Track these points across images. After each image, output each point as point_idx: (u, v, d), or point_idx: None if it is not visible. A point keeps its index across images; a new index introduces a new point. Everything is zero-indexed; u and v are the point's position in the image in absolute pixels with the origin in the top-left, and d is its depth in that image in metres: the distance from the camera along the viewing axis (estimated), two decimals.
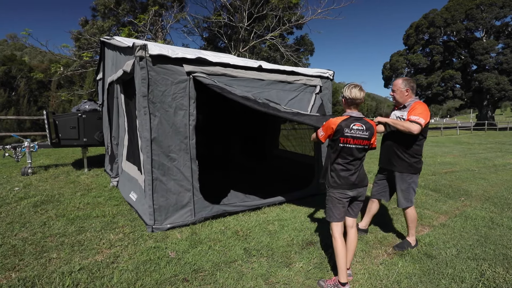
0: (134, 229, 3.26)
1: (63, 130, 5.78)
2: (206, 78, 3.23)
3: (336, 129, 2.27)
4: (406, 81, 2.85)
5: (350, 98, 2.30)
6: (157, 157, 3.17)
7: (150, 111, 3.09)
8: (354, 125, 2.26)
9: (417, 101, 2.81)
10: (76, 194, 4.50)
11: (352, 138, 2.26)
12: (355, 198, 2.39)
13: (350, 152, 2.29)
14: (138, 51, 2.96)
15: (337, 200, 2.34)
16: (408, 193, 2.88)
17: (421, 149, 2.84)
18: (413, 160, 2.80)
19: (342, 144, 2.27)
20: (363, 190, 2.39)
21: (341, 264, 2.23)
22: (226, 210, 3.67)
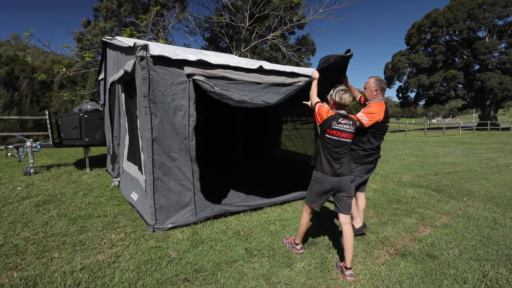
0: (135, 229, 3.27)
1: (65, 130, 5.80)
2: (205, 83, 3.24)
3: (326, 118, 2.53)
4: (378, 81, 2.99)
5: (339, 103, 2.57)
6: (158, 157, 3.17)
7: (151, 111, 3.09)
8: (343, 119, 2.52)
9: (377, 101, 2.95)
10: (78, 194, 4.51)
11: (338, 131, 2.51)
12: (338, 190, 2.57)
13: (335, 143, 2.52)
14: (139, 51, 2.96)
15: (317, 190, 2.61)
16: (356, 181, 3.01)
17: (375, 145, 2.98)
18: (362, 153, 3.02)
19: (329, 135, 2.52)
20: (346, 181, 2.55)
21: (300, 231, 2.76)
22: (228, 210, 3.67)
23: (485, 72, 30.99)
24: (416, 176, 6.28)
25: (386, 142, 14.91)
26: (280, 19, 13.68)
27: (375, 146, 3.00)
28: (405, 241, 3.11)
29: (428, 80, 33.73)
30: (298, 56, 14.66)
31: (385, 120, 2.92)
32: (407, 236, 3.25)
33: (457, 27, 31.43)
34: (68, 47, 12.47)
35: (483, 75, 30.56)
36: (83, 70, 12.81)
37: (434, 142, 15.11)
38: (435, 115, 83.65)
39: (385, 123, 2.96)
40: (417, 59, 34.52)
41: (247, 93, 3.55)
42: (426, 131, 25.21)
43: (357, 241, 3.08)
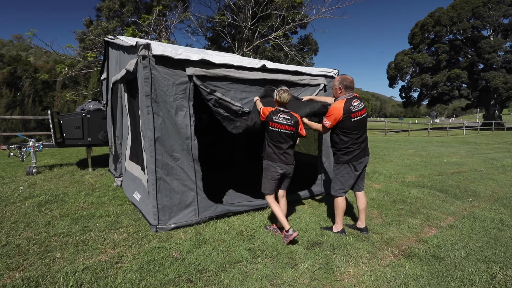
0: (138, 229, 3.25)
1: (67, 130, 5.80)
2: (203, 90, 3.26)
3: (267, 115, 3.04)
4: (341, 80, 3.10)
5: (279, 101, 3.06)
6: (161, 156, 3.15)
7: (154, 110, 3.07)
8: (281, 114, 3.00)
9: (338, 100, 3.08)
10: (81, 193, 4.50)
11: (278, 123, 2.98)
12: (284, 175, 3.11)
13: (277, 134, 3.00)
14: (141, 50, 2.94)
15: (269, 175, 3.06)
16: (335, 182, 3.22)
17: (349, 142, 3.06)
18: (338, 153, 3.16)
19: (271, 127, 3.01)
20: (290, 168, 3.10)
21: (281, 218, 2.99)
22: (230, 210, 3.64)
23: (489, 71, 30.74)
24: (420, 176, 6.22)
25: (389, 142, 14.84)
26: (282, 19, 13.64)
27: (348, 143, 3.06)
28: (410, 242, 3.07)
29: (432, 80, 33.51)
30: (300, 56, 14.61)
31: (347, 116, 2.97)
32: (412, 237, 3.20)
33: (461, 26, 31.19)
34: (70, 47, 12.52)
35: (488, 74, 30.31)
36: (85, 70, 12.84)
37: (437, 142, 15.00)
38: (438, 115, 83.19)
39: (350, 119, 2.99)
40: (421, 58, 34.30)
41: (248, 94, 3.53)
42: (429, 131, 25.05)
43: (362, 241, 3.05)
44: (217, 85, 3.34)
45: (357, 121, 3.03)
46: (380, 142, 14.42)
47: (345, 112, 2.97)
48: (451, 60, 34.63)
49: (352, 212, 3.94)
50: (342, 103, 2.99)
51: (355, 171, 3.14)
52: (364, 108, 3.09)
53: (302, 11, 13.93)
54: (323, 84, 4.24)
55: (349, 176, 3.15)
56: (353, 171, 3.13)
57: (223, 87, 3.38)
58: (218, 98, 3.33)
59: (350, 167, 3.12)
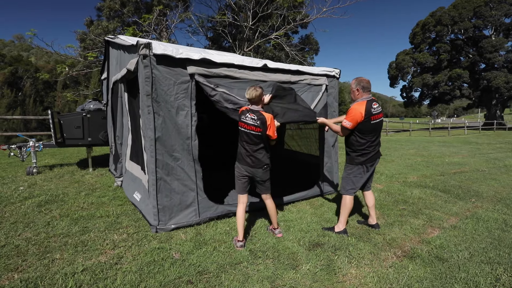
0: (138, 230, 3.23)
1: (68, 130, 5.79)
2: (206, 86, 3.21)
3: (240, 113, 2.98)
4: (357, 81, 3.08)
5: (248, 99, 2.91)
6: (161, 156, 3.13)
7: (154, 110, 3.05)
8: (249, 114, 2.88)
9: (358, 102, 3.03)
10: (81, 193, 4.49)
11: (244, 123, 2.88)
12: (253, 177, 2.98)
13: (244, 135, 2.89)
14: (142, 49, 2.91)
15: (236, 175, 3.01)
16: (346, 182, 3.19)
17: (365, 145, 3.05)
18: (353, 154, 3.12)
19: (240, 127, 2.93)
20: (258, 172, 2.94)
21: (238, 227, 2.92)
22: (231, 210, 3.61)
23: (491, 71, 30.62)
24: (422, 176, 6.18)
25: (391, 142, 14.78)
26: (283, 18, 13.60)
27: (364, 145, 3.05)
28: (413, 243, 3.03)
29: (433, 80, 33.42)
30: (301, 56, 14.57)
31: (367, 118, 2.95)
32: (414, 237, 3.17)
33: (462, 25, 31.09)
34: (71, 47, 12.51)
35: (489, 74, 30.19)
36: (86, 70, 12.83)
37: (439, 142, 14.94)
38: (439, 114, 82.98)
39: (370, 121, 2.97)
40: (422, 58, 34.20)
41: None
42: (431, 130, 24.99)
43: (364, 242, 3.02)
44: (219, 83, 3.32)
45: (376, 123, 3.03)
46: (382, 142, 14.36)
47: (366, 114, 2.93)
48: (453, 60, 34.52)
49: (360, 210, 3.90)
50: (364, 105, 2.96)
51: (367, 172, 3.17)
52: (382, 112, 3.11)
53: (303, 10, 13.90)
54: (325, 85, 4.21)
55: (361, 177, 3.16)
56: (365, 172, 3.15)
57: (226, 85, 3.36)
58: (223, 92, 3.28)
59: (363, 168, 3.13)
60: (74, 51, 12.32)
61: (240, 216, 2.93)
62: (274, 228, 3.13)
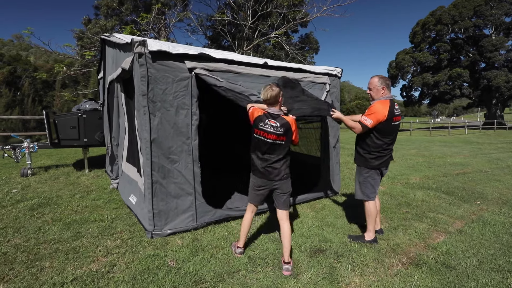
0: (132, 235, 3.11)
1: (63, 130, 5.66)
2: (209, 77, 3.05)
3: (254, 119, 2.54)
4: (382, 79, 2.88)
5: (263, 99, 2.53)
6: (157, 159, 3.00)
7: (150, 110, 2.92)
8: (269, 120, 2.46)
9: (380, 100, 2.84)
10: (75, 196, 4.36)
11: (264, 132, 2.45)
12: (272, 188, 2.58)
13: (262, 144, 2.49)
14: (137, 47, 2.79)
15: (252, 185, 2.64)
16: (365, 186, 3.00)
17: (381, 147, 2.88)
18: (368, 156, 2.92)
19: (256, 135, 2.50)
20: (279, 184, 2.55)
21: (241, 233, 2.70)
22: (230, 215, 3.50)
23: (491, 70, 30.50)
24: (424, 178, 6.07)
25: None
26: (283, 17, 13.46)
27: (380, 147, 2.88)
28: (418, 249, 2.92)
29: (433, 79, 33.29)
30: (301, 55, 14.45)
31: (390, 118, 2.78)
32: (419, 243, 3.06)
33: (462, 24, 30.96)
34: (69, 46, 12.36)
35: (490, 73, 30.08)
36: (84, 69, 12.70)
37: (440, 142, 14.83)
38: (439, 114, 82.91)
39: (391, 122, 2.81)
40: (422, 57, 34.07)
41: (257, 85, 3.36)
42: (431, 130, 24.89)
43: (367, 248, 2.90)
44: (222, 77, 3.17)
45: (396, 126, 2.88)
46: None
47: (389, 113, 2.76)
48: (453, 59, 34.41)
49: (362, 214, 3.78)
50: (387, 104, 2.79)
51: (380, 175, 3.03)
52: (401, 114, 2.97)
53: (303, 9, 13.76)
54: (328, 84, 4.09)
55: (379, 179, 3.02)
56: (379, 174, 3.01)
57: (229, 79, 3.21)
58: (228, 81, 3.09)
59: (377, 172, 2.98)
60: (71, 50, 12.18)
61: (247, 223, 2.70)
62: (285, 261, 2.49)
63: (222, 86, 2.97)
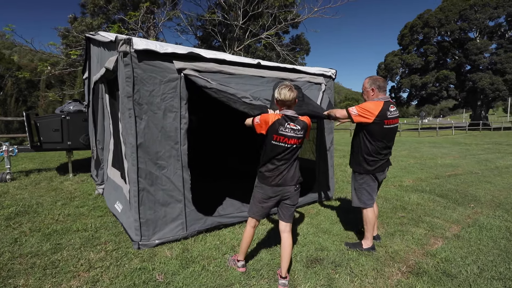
0: (118, 246, 2.91)
1: (45, 133, 5.38)
2: (199, 78, 2.88)
3: (271, 124, 2.24)
4: (372, 80, 2.78)
5: (280, 100, 2.28)
6: (144, 165, 2.82)
7: (136, 113, 2.74)
8: (289, 124, 2.25)
9: (374, 101, 2.71)
10: (57, 203, 4.12)
11: (285, 136, 2.24)
12: (282, 198, 2.36)
13: (282, 151, 2.26)
14: (122, 45, 2.61)
15: (259, 197, 2.36)
16: (361, 193, 2.88)
17: (375, 151, 2.75)
18: (361, 160, 2.81)
19: (275, 142, 2.25)
20: (290, 189, 2.33)
21: (242, 247, 2.48)
22: (221, 222, 3.34)
23: (476, 72, 31.27)
24: (417, 180, 6.05)
25: None
26: (274, 18, 13.37)
27: (372, 151, 2.74)
28: (417, 256, 2.83)
29: (421, 80, 33.92)
30: (292, 56, 14.38)
31: (380, 121, 2.63)
32: (418, 249, 2.97)
33: (448, 27, 31.65)
34: (53, 44, 11.93)
35: (475, 75, 30.83)
36: (70, 68, 12.28)
37: (429, 143, 15.03)
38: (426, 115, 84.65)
39: (382, 125, 2.65)
40: (410, 59, 34.67)
41: (251, 87, 3.21)
42: (420, 131, 25.28)
43: (365, 257, 2.79)
44: (213, 78, 3.00)
45: (389, 129, 2.71)
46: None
47: (379, 115, 2.61)
48: (440, 61, 35.14)
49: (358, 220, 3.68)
50: (380, 105, 2.64)
51: (376, 181, 2.89)
52: (398, 117, 2.79)
53: (294, 10, 13.71)
54: (324, 84, 3.99)
55: (375, 185, 2.88)
56: (375, 180, 2.87)
57: (220, 80, 3.03)
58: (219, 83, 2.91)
59: (372, 177, 2.85)
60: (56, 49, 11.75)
61: (248, 239, 2.47)
62: (281, 276, 2.30)
63: (213, 88, 2.80)
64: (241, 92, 2.88)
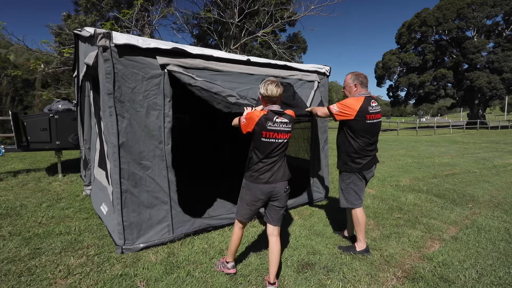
0: (101, 250, 2.78)
1: (32, 132, 5.23)
2: (183, 74, 2.75)
3: (258, 122, 2.13)
4: (355, 76, 2.72)
5: (266, 96, 2.18)
6: (127, 165, 2.69)
7: (117, 111, 2.60)
8: (277, 117, 2.16)
9: (354, 97, 2.67)
10: (42, 205, 3.97)
11: (275, 132, 2.15)
12: (271, 199, 2.24)
13: (272, 147, 2.16)
14: (100, 40, 2.47)
15: (247, 199, 2.23)
16: (348, 193, 2.81)
17: (359, 148, 2.68)
18: (347, 159, 2.75)
19: (265, 139, 2.14)
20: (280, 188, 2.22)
21: (231, 248, 2.37)
22: (210, 224, 3.21)
23: (474, 71, 31.26)
24: (414, 179, 5.94)
25: (379, 142, 14.62)
26: (270, 16, 13.23)
27: (357, 149, 2.68)
28: (413, 260, 2.72)
29: (418, 79, 33.88)
30: (289, 54, 14.26)
31: (362, 116, 2.58)
32: (414, 253, 2.86)
33: (446, 26, 31.61)
34: (46, 42, 11.75)
35: (472, 74, 30.81)
36: (63, 67, 12.11)
37: (426, 142, 14.95)
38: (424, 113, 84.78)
39: (365, 120, 2.60)
40: (408, 58, 34.63)
41: (238, 85, 3.08)
42: (417, 130, 25.25)
43: (359, 261, 2.67)
44: (199, 75, 2.87)
45: (372, 124, 2.66)
46: None
47: (361, 110, 2.56)
48: (437, 60, 35.11)
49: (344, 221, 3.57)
50: (360, 101, 2.59)
51: (363, 179, 2.80)
52: (380, 112, 2.75)
53: (290, 7, 13.58)
54: (317, 82, 3.86)
55: (362, 184, 2.79)
56: (362, 180, 2.78)
57: (206, 77, 2.90)
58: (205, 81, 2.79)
59: (359, 176, 2.76)
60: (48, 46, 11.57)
61: (237, 242, 2.36)
62: (270, 282, 2.21)
63: (197, 86, 2.67)
64: (227, 91, 2.76)
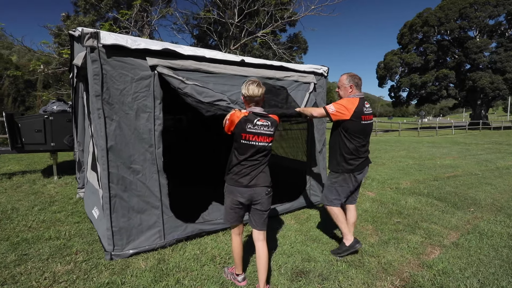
0: (89, 256, 2.70)
1: (27, 134, 5.16)
2: (173, 78, 2.67)
3: (237, 123, 2.08)
4: (351, 77, 2.71)
5: (248, 96, 2.12)
6: (116, 169, 2.61)
7: (106, 114, 2.53)
8: (258, 120, 2.10)
9: (349, 98, 2.66)
10: (34, 208, 3.90)
11: (255, 134, 2.08)
12: (251, 203, 2.18)
13: (252, 150, 2.09)
14: (88, 40, 2.39)
15: (229, 203, 2.18)
16: (330, 191, 2.80)
17: (353, 149, 2.66)
18: (342, 160, 2.71)
19: (245, 141, 2.08)
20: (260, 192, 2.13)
21: (236, 259, 2.28)
22: (203, 229, 3.12)
23: (476, 71, 31.02)
24: (415, 182, 5.83)
25: (380, 142, 14.55)
26: (270, 16, 13.14)
27: (352, 150, 2.67)
28: (412, 268, 2.62)
29: (420, 80, 33.67)
30: (289, 54, 14.16)
31: (357, 117, 2.58)
32: (413, 260, 2.76)
33: (448, 26, 31.40)
34: (45, 43, 11.71)
35: (475, 74, 30.58)
36: (63, 68, 12.07)
37: (428, 143, 14.80)
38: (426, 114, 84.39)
39: (360, 120, 2.60)
40: (409, 58, 34.41)
41: (230, 88, 2.99)
42: (419, 130, 25.07)
43: (356, 268, 2.58)
44: (189, 77, 2.79)
45: (366, 125, 2.67)
46: (370, 143, 14.12)
47: (356, 111, 2.57)
48: (439, 60, 34.88)
49: None
50: (356, 102, 2.60)
51: (355, 182, 2.76)
52: (372, 113, 2.75)
53: (290, 8, 13.48)
54: (313, 83, 3.76)
55: (348, 187, 2.75)
56: (353, 181, 2.74)
57: (197, 79, 2.82)
58: (195, 84, 2.72)
59: (350, 177, 2.72)
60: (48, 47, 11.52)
61: (239, 249, 2.27)
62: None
63: (186, 93, 2.60)
64: (218, 95, 2.68)
